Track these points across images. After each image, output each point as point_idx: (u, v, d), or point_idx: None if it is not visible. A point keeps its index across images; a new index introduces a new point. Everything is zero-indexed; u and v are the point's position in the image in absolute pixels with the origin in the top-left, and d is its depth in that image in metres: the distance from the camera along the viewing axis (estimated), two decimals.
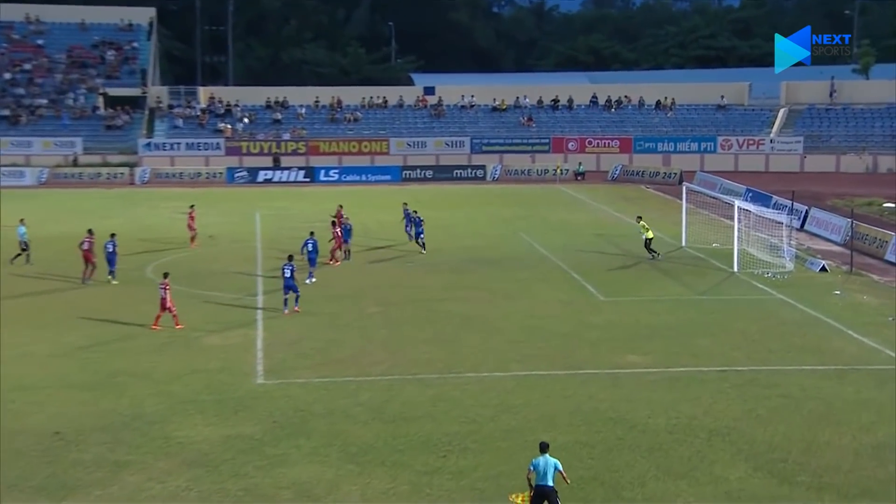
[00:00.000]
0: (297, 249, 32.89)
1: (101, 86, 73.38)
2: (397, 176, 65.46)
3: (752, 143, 70.28)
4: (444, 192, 59.03)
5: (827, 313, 28.62)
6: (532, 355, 24.08)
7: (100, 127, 70.44)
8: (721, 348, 24.75)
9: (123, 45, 77.18)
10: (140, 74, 74.82)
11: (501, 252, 38.66)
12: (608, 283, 32.99)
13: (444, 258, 37.17)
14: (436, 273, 34.76)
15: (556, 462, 14.81)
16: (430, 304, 29.77)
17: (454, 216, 48.25)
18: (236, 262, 36.41)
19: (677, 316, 28.26)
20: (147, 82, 74.57)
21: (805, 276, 34.32)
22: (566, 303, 29.99)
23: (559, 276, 34.29)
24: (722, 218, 44.30)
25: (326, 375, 22.46)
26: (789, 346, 25.07)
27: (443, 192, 59.44)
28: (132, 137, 69.10)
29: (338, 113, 73.93)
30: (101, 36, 77.83)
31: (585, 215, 49.55)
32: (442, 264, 36.18)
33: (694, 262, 36.83)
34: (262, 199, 55.04)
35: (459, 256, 37.56)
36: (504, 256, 37.66)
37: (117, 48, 76.78)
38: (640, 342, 25.33)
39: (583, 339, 25.65)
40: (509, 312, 28.63)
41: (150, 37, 78.87)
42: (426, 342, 25.29)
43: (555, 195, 58.37)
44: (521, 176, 66.35)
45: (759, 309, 29.22)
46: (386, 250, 39.18)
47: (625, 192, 59.64)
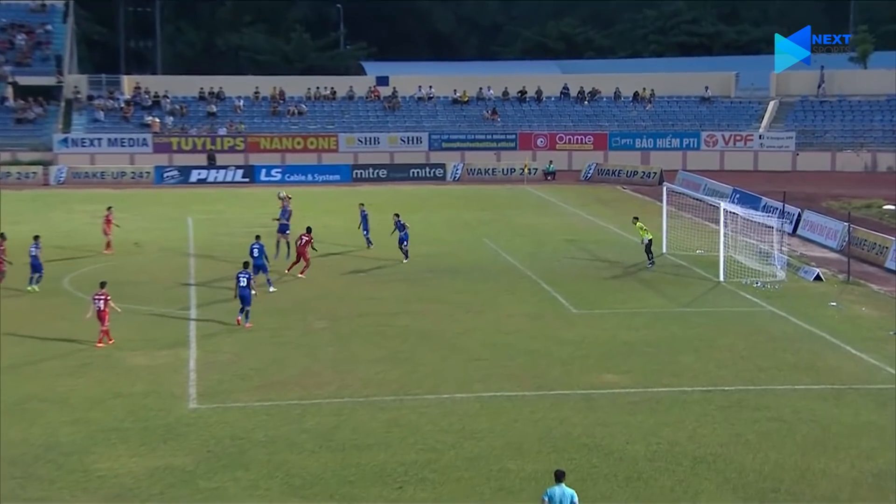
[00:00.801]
0: (235, 256, 32.70)
1: (10, 74, 72.36)
2: (347, 176, 65.31)
3: (740, 139, 71.02)
4: (400, 194, 58.89)
5: (822, 327, 28.97)
6: (497, 375, 24.14)
7: (9, 121, 69.51)
8: (706, 366, 24.96)
9: (35, 28, 76.26)
10: (55, 61, 73.92)
11: (463, 260, 38.71)
12: (581, 294, 33.12)
13: (399, 267, 37.12)
14: (390, 284, 34.69)
15: (573, 494, 14.75)
16: (384, 318, 29.73)
17: (410, 220, 47.87)
18: (166, 272, 36.16)
19: (658, 331, 28.46)
20: (63, 70, 73.72)
21: (798, 286, 34.70)
22: (535, 316, 30.09)
23: (527, 286, 34.39)
24: (706, 222, 44.63)
25: (268, 399, 22.35)
26: (781, 363, 25.34)
27: (398, 193, 59.32)
28: (46, 132, 68.28)
29: (280, 105, 73.58)
30: (9, 18, 76.81)
31: (556, 219, 49.72)
32: (396, 274, 36.11)
33: (676, 270, 37.09)
34: (196, 202, 54.66)
35: (416, 265, 37.55)
36: (466, 265, 37.71)
37: (28, 32, 75.85)
38: (616, 360, 25.47)
39: (553, 356, 25.75)
40: (472, 327, 28.67)
41: (66, 19, 77.97)
42: (379, 361, 25.27)
43: (522, 197, 58.48)
44: (484, 176, 66.44)
45: (748, 322, 29.51)
46: (336, 258, 39.13)
47: (599, 194, 59.89)
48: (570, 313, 30.65)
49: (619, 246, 41.97)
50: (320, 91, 75.59)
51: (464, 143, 71.11)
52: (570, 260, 39.13)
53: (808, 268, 36.88)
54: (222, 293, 32.70)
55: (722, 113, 74.97)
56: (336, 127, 72.01)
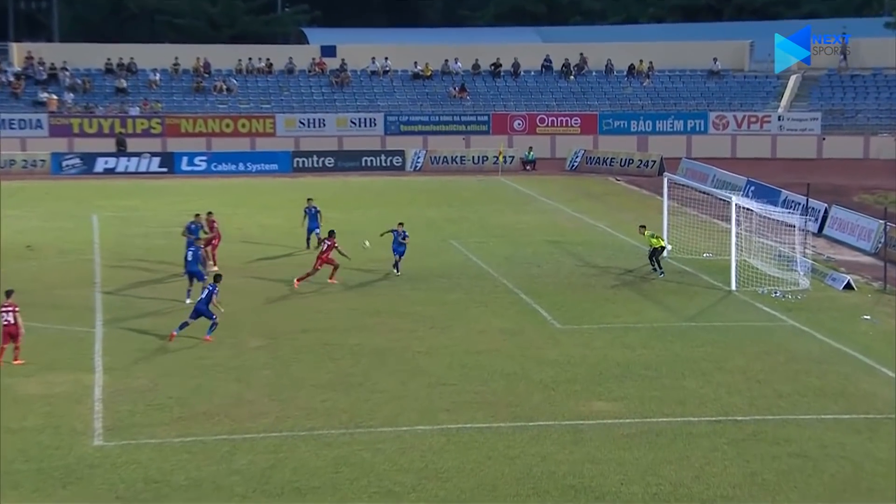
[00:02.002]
0: (151, 261, 32.39)
1: None
2: (286, 165, 64.92)
3: (755, 121, 71.41)
4: (349, 187, 58.58)
5: (853, 345, 29.09)
6: (467, 402, 24.07)
7: None
8: (715, 392, 25.01)
9: None
10: None
11: (426, 266, 38.55)
12: (566, 306, 33.08)
13: (349, 274, 37.01)
14: (339, 294, 34.55)
15: None
16: (331, 335, 29.57)
17: (362, 218, 47.93)
18: (66, 281, 35.76)
19: (657, 349, 28.51)
20: None
21: (825, 296, 34.85)
22: (512, 332, 30.06)
23: (502, 296, 34.33)
24: (715, 220, 44.68)
25: (190, 434, 22.16)
26: (804, 388, 25.43)
27: (347, 186, 59.00)
28: None
29: (205, 80, 73.16)
30: None
31: (536, 217, 49.67)
32: (347, 283, 35.97)
33: (679, 277, 37.19)
34: (103, 197, 54.17)
35: (370, 272, 37.37)
36: (429, 272, 37.58)
37: None
38: (608, 384, 25.48)
39: (533, 380, 25.74)
40: (436, 346, 28.58)
41: None
42: (325, 386, 25.14)
43: (496, 190, 58.38)
44: (451, 165, 66.26)
45: (765, 339, 29.62)
46: (275, 263, 38.88)
47: (588, 186, 59.85)
48: (553, 329, 30.64)
49: (612, 248, 41.97)
50: (253, 63, 75.14)
51: (426, 125, 70.93)
52: (553, 265, 39.10)
53: (837, 274, 37.07)
54: (135, 306, 32.37)
55: (734, 90, 75.34)
56: (273, 107, 71.61)
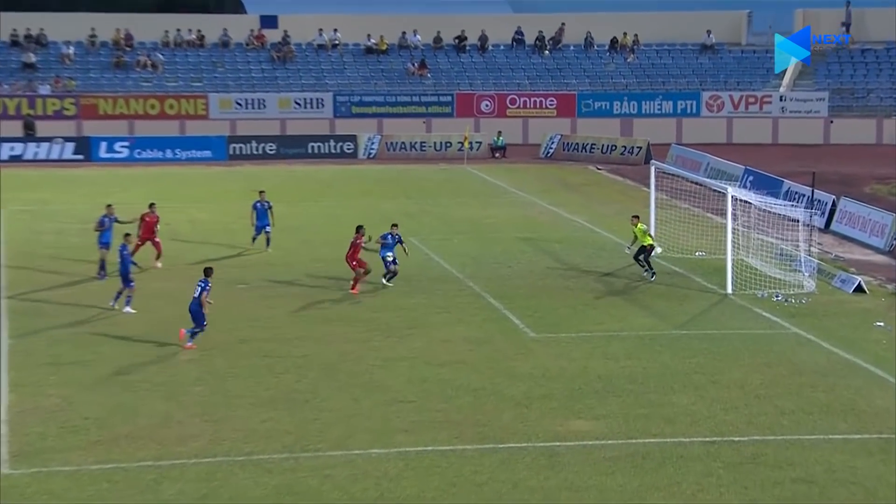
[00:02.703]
0: (65, 261, 32.25)
1: None
2: (221, 152, 64.83)
3: (754, 102, 71.82)
4: (294, 177, 58.47)
5: (865, 355, 29.15)
6: (428, 422, 23.99)
7: None
8: (709, 409, 25.00)
9: None
10: None
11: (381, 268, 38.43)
12: (542, 312, 33.09)
13: (294, 276, 36.86)
14: (282, 299, 34.41)
15: None
16: (274, 345, 29.46)
17: (309, 213, 47.83)
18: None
19: (644, 361, 28.52)
20: None
21: (832, 300, 34.98)
22: (479, 342, 30.02)
23: (468, 301, 34.33)
24: (709, 213, 44.85)
25: (110, 460, 21.94)
26: (810, 404, 25.47)
27: (291, 176, 58.88)
28: None
29: (127, 55, 72.87)
30: None
31: (507, 210, 49.74)
32: (291, 285, 35.86)
33: (668, 279, 37.27)
34: (8, 188, 53.76)
35: (317, 274, 37.30)
36: None
37: None
38: (589, 400, 25.44)
39: (504, 396, 25.67)
40: (393, 358, 28.50)
41: None
42: (266, 405, 24.99)
43: (461, 180, 58.38)
44: (410, 152, 66.34)
45: (765, 349, 29.68)
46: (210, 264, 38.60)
47: (565, 176, 59.95)
48: (526, 338, 30.60)
49: (593, 246, 42.03)
50: (182, 35, 74.89)
51: (381, 107, 70.96)
52: (526, 266, 39.12)
53: (846, 275, 37.21)
54: (45, 313, 32.13)
55: (729, 66, 75.72)
56: (205, 85, 71.46)
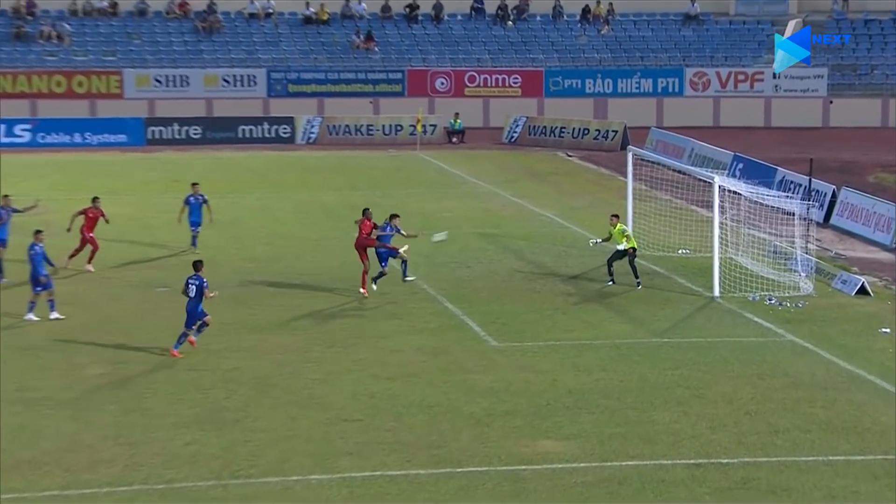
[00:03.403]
0: None
1: None
2: (138, 136, 64.88)
3: (744, 80, 72.19)
4: (221, 165, 58.46)
5: (869, 366, 29.27)
6: (376, 444, 23.97)
7: None
8: (694, 427, 25.07)
9: None
10: None
11: (322, 267, 38.60)
12: (505, 318, 33.20)
13: (222, 277, 36.83)
14: (207, 305, 34.25)
15: None
16: (198, 357, 29.42)
17: (239, 206, 47.79)
18: None
19: (620, 373, 28.57)
20: None
21: (832, 303, 35.20)
22: (434, 352, 30.04)
23: (422, 306, 34.42)
24: (693, 206, 45.04)
25: (10, 489, 21.65)
26: (807, 421, 25.52)
27: (218, 163, 58.87)
28: None
29: (28, 25, 72.50)
30: None
31: (465, 203, 49.91)
32: (218, 288, 35.76)
33: (648, 280, 37.42)
34: None
35: (247, 275, 37.35)
36: (327, 274, 37.63)
37: None
38: (558, 418, 25.47)
39: (462, 413, 25.68)
40: (337, 371, 28.48)
41: None
42: (190, 425, 24.91)
43: (414, 169, 58.51)
44: (354, 136, 66.64)
45: (757, 359, 29.77)
46: (127, 265, 38.66)
47: (531, 163, 60.11)
48: (487, 347, 30.65)
49: (563, 243, 42.26)
50: (92, 3, 74.50)
51: (322, 85, 70.97)
52: (487, 265, 39.18)
53: (848, 275, 37.40)
54: None
55: (716, 39, 75.98)
56: (119, 60, 71.27)
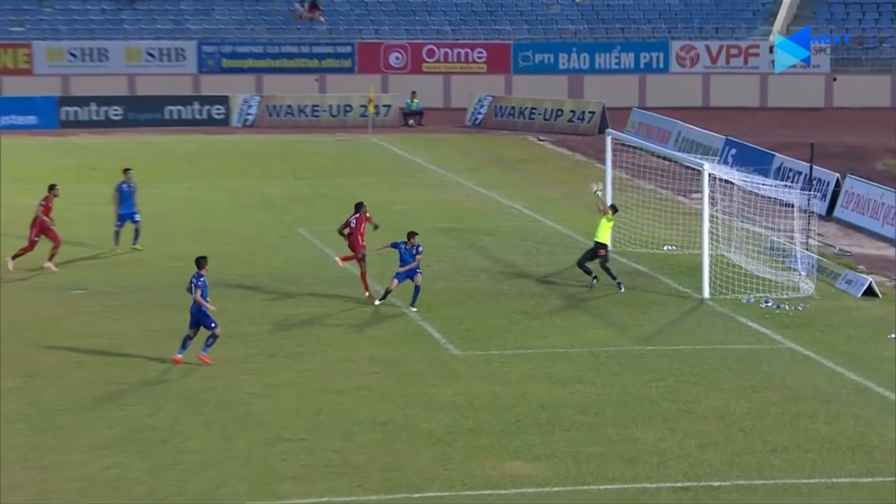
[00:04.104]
0: None
1: None
2: (50, 118, 64.95)
3: (737, 55, 72.48)
4: (146, 150, 58.40)
5: (877, 377, 29.36)
6: (323, 466, 23.97)
7: None
8: (681, 446, 25.10)
9: None
10: None
11: (260, 266, 38.75)
12: (469, 323, 33.35)
13: (148, 278, 36.80)
14: (130, 308, 34.33)
15: None
16: (119, 369, 29.31)
17: (166, 198, 47.69)
18: None
19: (599, 385, 28.61)
20: None
21: (836, 306, 35.41)
22: (389, 362, 30.06)
23: (376, 310, 34.52)
24: (680, 197, 45.22)
25: None
26: (808, 439, 25.57)
27: (143, 149, 58.82)
28: None
29: None
30: None
31: (424, 193, 50.08)
32: (143, 291, 35.76)
33: (630, 280, 37.55)
34: None
35: (175, 276, 36.85)
36: (267, 275, 37.77)
37: None
38: (529, 436, 25.49)
39: (420, 432, 25.70)
40: (277, 384, 28.45)
41: None
42: (110, 446, 24.75)
43: (365, 154, 58.63)
44: (298, 118, 66.88)
45: (752, 369, 29.88)
46: (37, 264, 38.66)
47: (498, 149, 60.27)
48: (448, 356, 30.73)
49: (534, 239, 42.50)
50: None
51: (261, 60, 71.07)
52: (448, 264, 39.29)
53: (854, 274, 37.51)
54: None
55: (706, 8, 76.29)
56: (29, 31, 71.34)
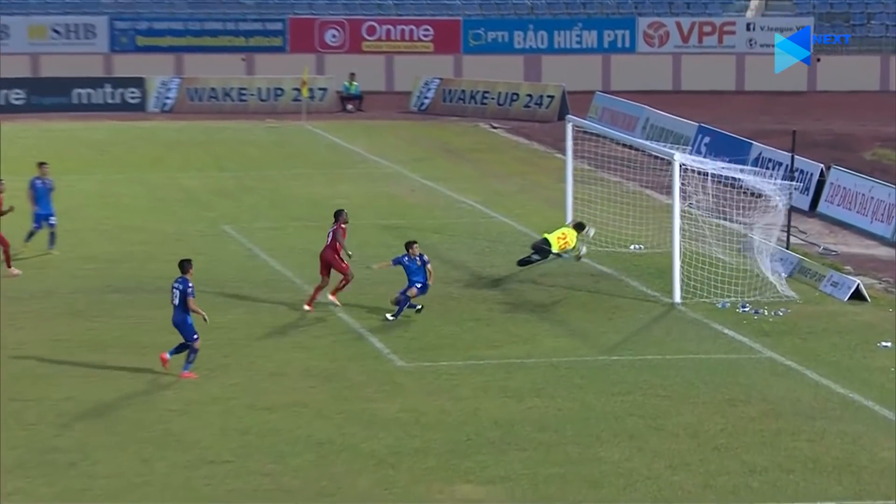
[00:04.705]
0: None
1: None
2: None
3: (710, 32, 72.89)
4: (52, 138, 58.50)
5: (866, 389, 29.49)
6: (252, 491, 23.95)
7: None
8: (650, 466, 25.12)
9: None
10: None
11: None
12: (415, 331, 33.52)
13: (54, 283, 36.74)
14: (34, 316, 34.31)
15: None
16: (22, 385, 29.28)
17: (75, 192, 47.57)
18: None
19: (559, 399, 28.67)
20: None
21: (820, 311, 35.62)
22: (325, 375, 30.10)
23: (311, 317, 34.59)
24: (649, 191, 45.42)
25: None
26: (790, 458, 25.62)
27: (48, 137, 58.97)
28: None
29: None
30: None
31: (364, 187, 50.24)
32: (48, 296, 35.79)
33: (593, 283, 37.81)
34: None
35: (85, 279, 37.47)
36: None
37: None
38: (481, 456, 25.49)
39: (361, 452, 25.67)
40: (200, 399, 28.42)
41: None
42: (12, 470, 24.58)
43: (298, 144, 58.87)
44: (223, 102, 67.25)
45: (728, 381, 29.98)
46: None
47: (447, 137, 60.59)
48: (392, 368, 30.85)
49: (487, 238, 42.74)
50: None
51: (180, 38, 71.18)
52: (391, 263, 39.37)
53: (840, 276, 37.70)
54: None
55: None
56: None
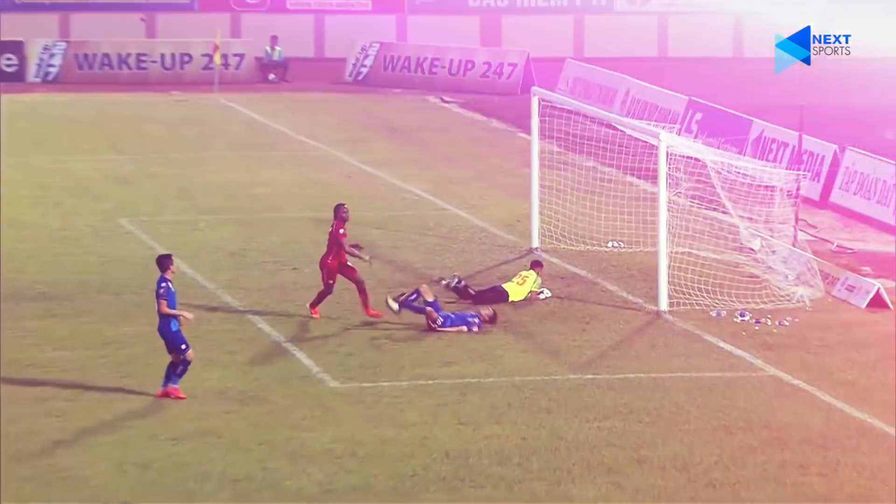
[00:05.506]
0: None
1: None
2: None
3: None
4: None
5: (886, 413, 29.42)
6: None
7: None
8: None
9: None
10: None
11: (69, 271, 39.59)
12: (350, 345, 33.80)
13: None
14: None
15: None
16: None
17: None
18: None
19: (522, 427, 28.57)
20: None
21: (833, 320, 35.79)
22: (244, 397, 30.12)
23: (227, 328, 34.93)
24: (629, 176, 45.36)
25: None
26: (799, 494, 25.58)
27: None
28: None
29: None
30: None
31: (290, 173, 50.56)
32: None
33: (563, 287, 37.82)
34: None
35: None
36: (77, 281, 38.55)
37: None
38: (431, 493, 25.52)
39: (286, 490, 25.61)
40: (94, 429, 28.31)
41: None
42: None
43: (211, 121, 59.44)
44: (120, 71, 67.72)
45: (724, 405, 29.97)
46: None
47: (389, 113, 60.99)
48: (324, 389, 30.99)
49: (437, 233, 43.32)
50: None
51: None
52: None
53: (856, 278, 37.72)
54: None
55: None
56: None
